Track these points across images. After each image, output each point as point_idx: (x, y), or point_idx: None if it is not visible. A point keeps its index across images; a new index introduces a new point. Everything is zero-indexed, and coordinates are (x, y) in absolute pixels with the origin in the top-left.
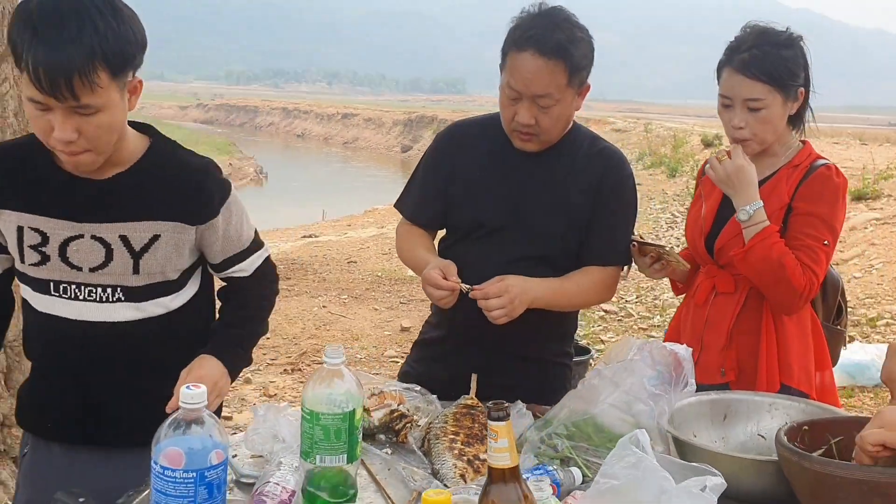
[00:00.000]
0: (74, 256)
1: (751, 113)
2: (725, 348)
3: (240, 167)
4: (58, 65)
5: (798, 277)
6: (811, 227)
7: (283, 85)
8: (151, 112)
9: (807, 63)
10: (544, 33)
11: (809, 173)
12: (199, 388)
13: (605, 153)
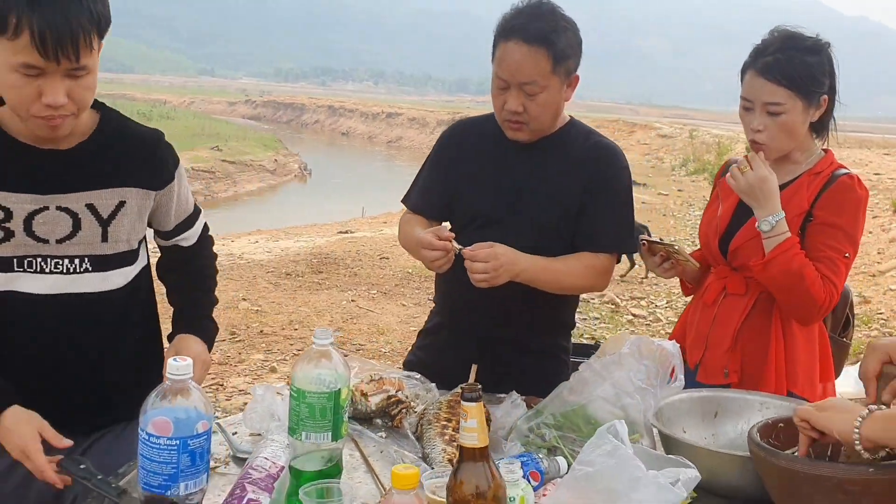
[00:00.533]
0: (40, 229)
1: (770, 117)
2: (730, 349)
3: (284, 163)
4: (66, 28)
5: (818, 290)
6: (833, 239)
7: (329, 83)
8: (201, 107)
9: (833, 70)
10: (528, 22)
11: (831, 182)
12: (185, 361)
13: (599, 146)
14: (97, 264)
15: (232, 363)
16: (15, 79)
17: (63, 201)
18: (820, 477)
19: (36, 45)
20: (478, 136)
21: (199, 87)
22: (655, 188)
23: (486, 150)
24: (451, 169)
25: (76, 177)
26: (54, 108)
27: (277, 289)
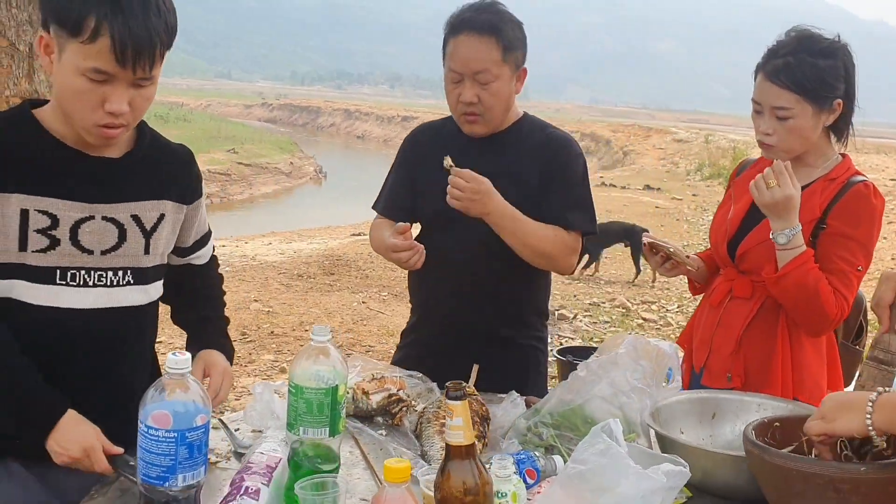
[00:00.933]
0: (87, 239)
1: (779, 121)
2: (734, 353)
3: (300, 166)
4: (147, 37)
5: (831, 305)
6: (846, 251)
7: (346, 86)
8: (217, 110)
9: (849, 73)
10: (475, 15)
11: (846, 189)
12: (184, 355)
13: (553, 137)
14: (139, 277)
15: (242, 363)
16: (81, 83)
17: (110, 211)
18: (811, 475)
19: (115, 51)
20: (436, 138)
21: (216, 89)
22: (670, 193)
23: (444, 150)
24: (412, 172)
25: (124, 187)
26: (115, 116)
27: (289, 290)
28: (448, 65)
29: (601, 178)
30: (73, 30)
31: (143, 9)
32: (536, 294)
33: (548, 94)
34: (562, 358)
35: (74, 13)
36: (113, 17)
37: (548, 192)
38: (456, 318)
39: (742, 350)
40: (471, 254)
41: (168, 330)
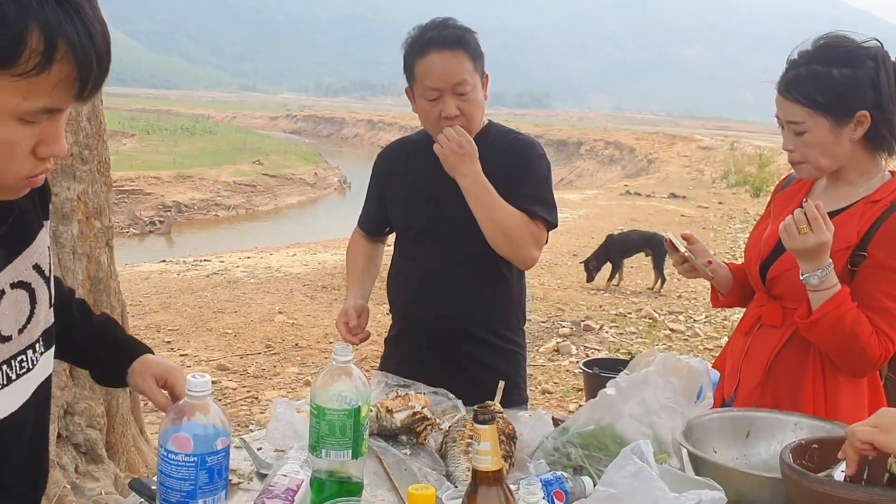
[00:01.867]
0: (3, 322)
1: (796, 136)
2: (762, 384)
3: (324, 177)
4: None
5: (873, 347)
6: (891, 286)
7: (369, 97)
8: (242, 122)
9: (877, 81)
10: (439, 33)
11: (888, 213)
12: (203, 378)
13: (517, 140)
14: (49, 339)
15: (267, 376)
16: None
17: (15, 274)
18: (854, 501)
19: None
20: (406, 155)
21: (241, 101)
22: (695, 200)
23: (414, 165)
24: (384, 188)
25: (19, 232)
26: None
27: (313, 302)
28: (423, 84)
29: (626, 187)
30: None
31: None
32: (514, 297)
33: (571, 102)
34: (588, 370)
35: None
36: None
37: (516, 190)
38: (437, 326)
39: (771, 381)
40: (446, 263)
41: (193, 343)
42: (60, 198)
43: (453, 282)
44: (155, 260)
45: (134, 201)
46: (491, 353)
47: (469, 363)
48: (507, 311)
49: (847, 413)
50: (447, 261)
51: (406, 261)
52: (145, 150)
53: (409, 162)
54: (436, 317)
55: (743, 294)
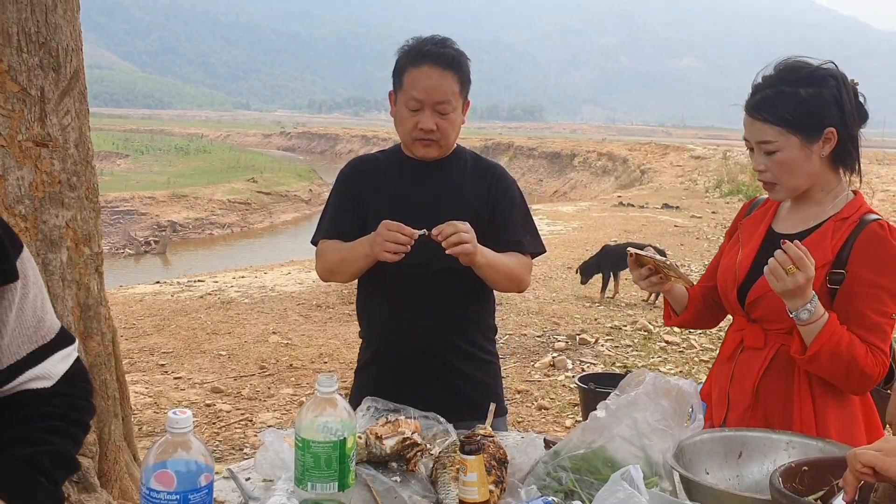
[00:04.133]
0: None
1: (767, 156)
2: (752, 407)
3: (319, 193)
4: None
5: (870, 365)
6: (878, 302)
7: (363, 113)
8: (236, 140)
9: (841, 100)
10: (437, 49)
11: (859, 229)
12: (184, 414)
13: (489, 168)
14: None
15: (261, 398)
16: None
17: None
18: None
19: None
20: (377, 170)
21: (235, 120)
22: (689, 210)
23: (390, 177)
24: (358, 201)
25: None
26: None
27: (308, 321)
28: (408, 93)
29: (619, 198)
30: None
31: None
32: (485, 309)
33: (564, 115)
34: (583, 385)
35: None
36: None
37: (495, 219)
38: (418, 341)
39: (760, 404)
40: (420, 277)
41: (187, 365)
42: (49, 225)
43: (432, 296)
44: (150, 281)
45: (129, 222)
46: (473, 365)
47: (454, 377)
48: (483, 320)
49: (839, 428)
50: (425, 275)
51: (380, 277)
52: (139, 171)
53: (378, 173)
54: (417, 331)
55: (697, 315)
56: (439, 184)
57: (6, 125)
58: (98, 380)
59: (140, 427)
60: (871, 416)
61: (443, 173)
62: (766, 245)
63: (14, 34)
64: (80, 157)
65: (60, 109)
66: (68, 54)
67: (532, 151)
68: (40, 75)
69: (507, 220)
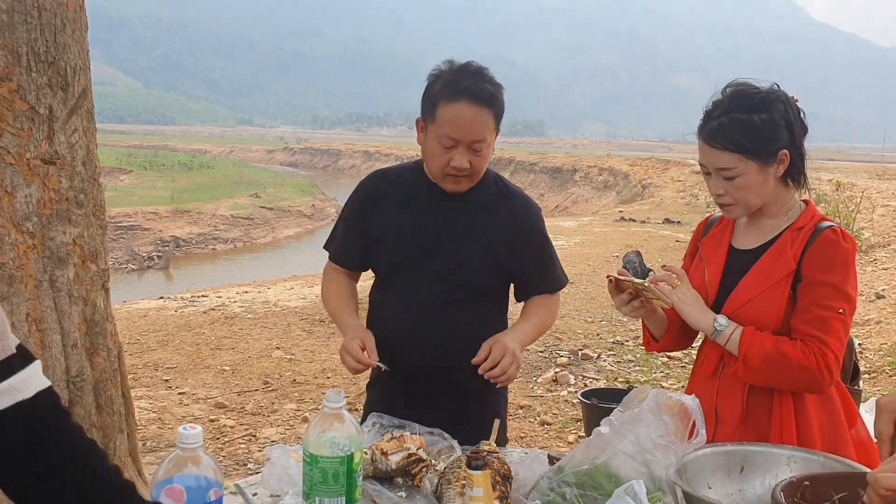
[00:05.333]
0: None
1: (727, 181)
2: (742, 422)
3: (322, 208)
4: None
5: (806, 357)
6: (822, 298)
7: (365, 129)
8: (240, 155)
9: (790, 121)
10: (474, 84)
11: (815, 236)
12: (195, 430)
13: (514, 207)
14: None
15: (265, 413)
16: None
17: None
18: None
19: None
20: (396, 187)
21: (238, 136)
22: (690, 226)
23: (406, 198)
24: (370, 219)
25: None
26: None
27: (311, 336)
28: (442, 129)
29: (620, 213)
30: None
31: None
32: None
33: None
34: (586, 401)
35: None
36: None
37: (529, 261)
38: (430, 361)
39: (750, 417)
40: (428, 299)
41: (191, 380)
42: (56, 242)
43: (446, 317)
44: (153, 296)
45: (132, 237)
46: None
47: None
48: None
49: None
50: (439, 297)
51: (394, 296)
52: (143, 186)
53: (399, 192)
54: (428, 351)
55: (677, 337)
56: (459, 218)
57: (15, 143)
58: (104, 395)
59: (144, 443)
60: (849, 406)
61: (465, 206)
62: (730, 262)
63: (23, 54)
64: (88, 175)
65: (68, 128)
66: (76, 73)
67: (533, 166)
68: (49, 94)
69: (535, 258)
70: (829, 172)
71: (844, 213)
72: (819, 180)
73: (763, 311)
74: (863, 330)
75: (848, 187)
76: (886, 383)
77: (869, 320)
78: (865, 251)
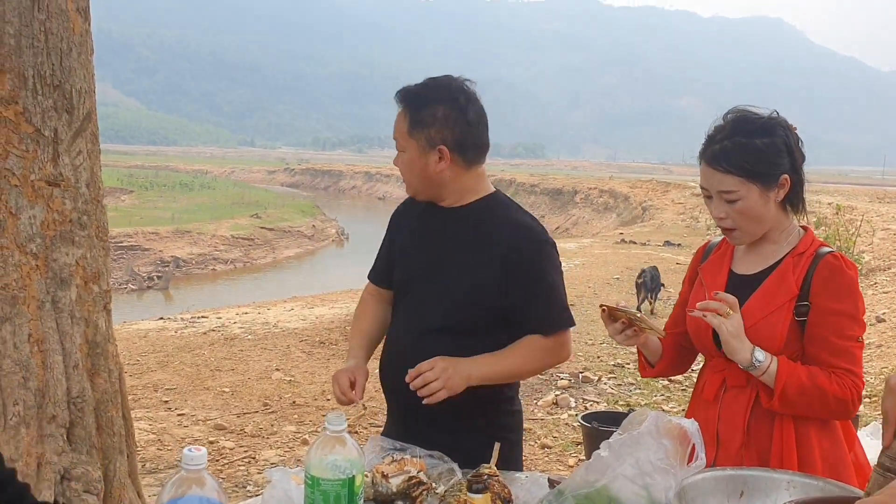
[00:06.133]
0: None
1: (728, 204)
2: (744, 446)
3: (322, 229)
4: None
5: (842, 389)
6: (844, 328)
7: (366, 150)
8: (241, 176)
9: (790, 146)
10: (406, 87)
11: (816, 261)
12: (200, 451)
13: (516, 223)
14: None
15: (264, 435)
16: None
17: None
18: None
19: None
20: (414, 209)
21: (240, 157)
22: (691, 248)
23: (418, 218)
24: (394, 237)
25: None
26: None
27: (311, 358)
28: None
29: (621, 235)
30: None
31: None
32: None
33: (565, 152)
34: (586, 424)
35: None
36: None
37: (530, 295)
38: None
39: (752, 441)
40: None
41: (191, 402)
42: (59, 263)
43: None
44: (153, 317)
45: (132, 257)
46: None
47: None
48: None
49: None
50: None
51: (396, 321)
52: (144, 206)
53: (414, 213)
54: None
55: (672, 362)
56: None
57: (20, 165)
58: (104, 416)
59: (143, 464)
60: (847, 429)
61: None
62: (731, 288)
63: (30, 77)
64: (91, 197)
65: (73, 150)
66: (82, 96)
67: (534, 188)
68: (54, 117)
69: (529, 296)
70: (829, 196)
71: (845, 236)
72: (819, 203)
73: (766, 336)
74: (863, 353)
75: (848, 210)
76: None
77: (870, 344)
78: (866, 274)
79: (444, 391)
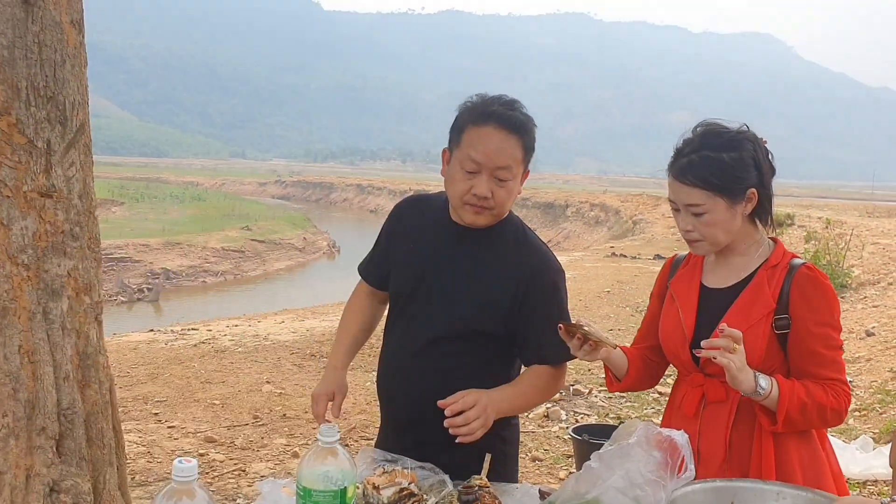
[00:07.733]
0: None
1: (695, 217)
2: (726, 461)
3: (313, 241)
4: None
5: (836, 400)
6: (827, 339)
7: (358, 163)
8: (232, 188)
9: (759, 161)
10: (504, 111)
11: (791, 273)
12: (190, 463)
13: (531, 245)
14: None
15: (254, 448)
16: None
17: None
18: None
19: None
20: (420, 216)
21: (231, 168)
22: None
23: (424, 229)
24: (392, 244)
25: None
26: None
27: (301, 370)
28: (467, 152)
29: (612, 248)
30: None
31: None
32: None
33: (557, 166)
34: (577, 437)
35: None
36: None
37: (538, 323)
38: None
39: (734, 456)
40: (419, 346)
41: (181, 414)
42: (51, 274)
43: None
44: (143, 329)
45: (122, 269)
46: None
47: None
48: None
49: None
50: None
51: (392, 337)
52: (134, 218)
53: (418, 223)
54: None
55: (641, 376)
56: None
57: (12, 176)
58: (94, 428)
59: (133, 476)
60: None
61: (474, 249)
62: (704, 301)
63: (23, 88)
64: (84, 208)
65: (65, 161)
66: (75, 108)
67: (525, 201)
68: (47, 128)
69: (541, 326)
70: (819, 210)
71: (835, 250)
72: (809, 217)
73: (746, 350)
74: (853, 367)
75: (838, 225)
76: (877, 420)
77: (859, 358)
78: (855, 289)
79: (482, 431)
